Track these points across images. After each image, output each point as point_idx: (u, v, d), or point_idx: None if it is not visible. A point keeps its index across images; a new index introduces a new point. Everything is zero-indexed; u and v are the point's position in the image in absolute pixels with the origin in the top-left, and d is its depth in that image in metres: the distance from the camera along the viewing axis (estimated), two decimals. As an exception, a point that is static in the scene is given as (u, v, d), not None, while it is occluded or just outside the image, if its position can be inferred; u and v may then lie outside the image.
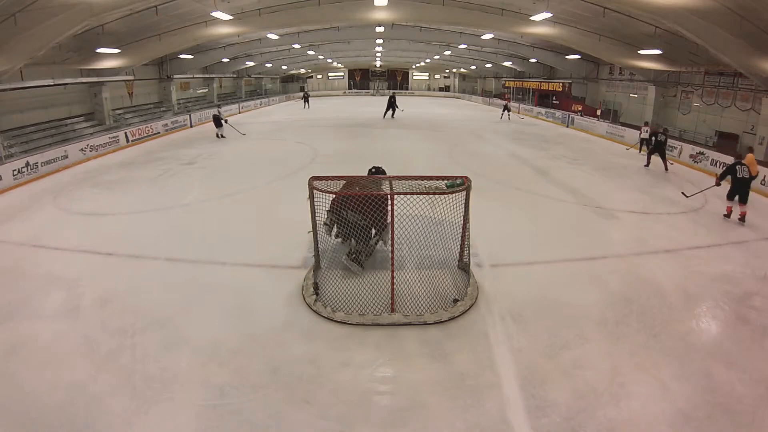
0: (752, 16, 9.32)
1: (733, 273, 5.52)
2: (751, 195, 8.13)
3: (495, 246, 6.10)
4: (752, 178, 7.48)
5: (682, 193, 8.69)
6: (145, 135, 15.96)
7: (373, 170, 6.11)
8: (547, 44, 19.57)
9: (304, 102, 29.43)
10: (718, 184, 7.79)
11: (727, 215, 7.70)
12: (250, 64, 26.96)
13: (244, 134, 16.66)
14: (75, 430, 3.08)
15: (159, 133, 16.96)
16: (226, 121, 16.46)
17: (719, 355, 3.93)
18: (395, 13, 13.72)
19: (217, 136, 16.11)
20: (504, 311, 4.54)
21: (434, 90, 45.01)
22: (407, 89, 45.36)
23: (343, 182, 5.11)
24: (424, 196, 4.76)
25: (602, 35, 14.73)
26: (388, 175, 5.85)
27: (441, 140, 13.67)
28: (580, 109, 21.11)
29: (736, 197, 7.49)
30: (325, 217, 5.24)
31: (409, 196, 4.59)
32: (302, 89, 36.49)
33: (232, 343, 4.02)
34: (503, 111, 23.44)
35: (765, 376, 3.66)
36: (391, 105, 22.22)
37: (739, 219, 7.49)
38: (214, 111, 17.48)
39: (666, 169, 11.43)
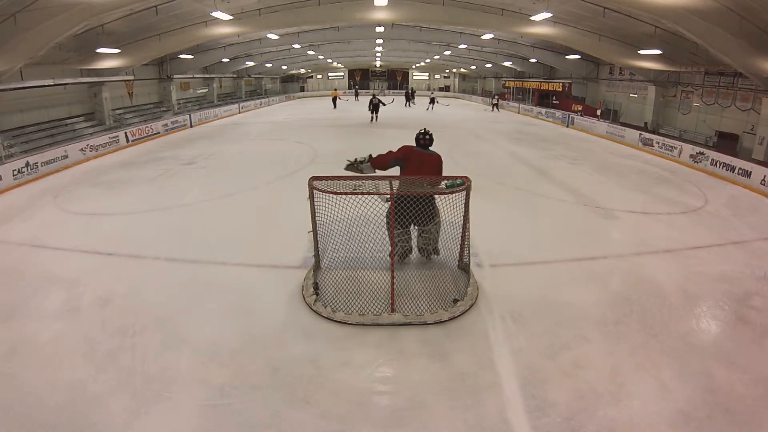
0: (752, 16, 9.31)
1: (733, 273, 5.52)
2: (752, 195, 9.48)
3: (495, 246, 6.10)
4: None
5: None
6: (145, 135, 15.95)
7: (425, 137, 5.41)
8: (547, 44, 19.56)
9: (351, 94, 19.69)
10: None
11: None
12: (250, 64, 26.92)
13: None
14: (75, 430, 3.08)
15: (159, 133, 16.95)
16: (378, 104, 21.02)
17: (719, 355, 3.93)
18: (395, 13, 13.71)
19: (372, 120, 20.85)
20: (504, 311, 4.54)
21: (434, 90, 44.93)
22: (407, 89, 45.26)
23: (342, 182, 5.06)
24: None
25: (602, 35, 14.72)
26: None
27: (440, 140, 13.62)
28: (580, 109, 21.10)
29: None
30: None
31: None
32: (369, 97, 21.76)
33: (232, 343, 4.02)
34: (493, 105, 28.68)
35: (765, 376, 3.66)
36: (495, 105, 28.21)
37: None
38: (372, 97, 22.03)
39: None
